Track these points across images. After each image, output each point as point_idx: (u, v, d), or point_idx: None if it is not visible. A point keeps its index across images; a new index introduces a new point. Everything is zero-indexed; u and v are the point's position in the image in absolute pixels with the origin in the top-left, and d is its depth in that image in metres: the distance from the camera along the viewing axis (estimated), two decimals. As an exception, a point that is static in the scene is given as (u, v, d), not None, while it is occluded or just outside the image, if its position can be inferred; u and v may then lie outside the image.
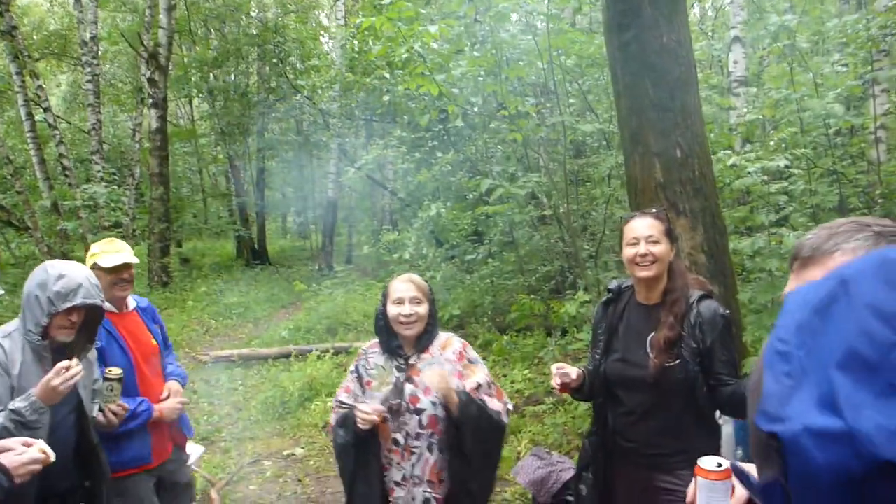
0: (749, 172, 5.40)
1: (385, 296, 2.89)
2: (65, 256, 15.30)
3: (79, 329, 2.77)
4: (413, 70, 6.94)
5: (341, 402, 2.92)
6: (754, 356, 5.02)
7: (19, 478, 2.11)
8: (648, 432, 2.69)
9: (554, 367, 2.78)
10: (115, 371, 2.81)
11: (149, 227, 16.21)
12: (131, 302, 3.57)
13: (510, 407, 2.88)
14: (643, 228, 2.68)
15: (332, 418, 2.92)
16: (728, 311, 2.69)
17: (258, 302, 14.48)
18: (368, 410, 2.65)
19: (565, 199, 7.40)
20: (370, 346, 3.01)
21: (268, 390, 7.89)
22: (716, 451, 2.66)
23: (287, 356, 9.22)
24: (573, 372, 2.75)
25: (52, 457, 2.25)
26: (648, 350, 2.65)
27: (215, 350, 10.03)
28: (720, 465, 1.57)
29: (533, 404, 6.68)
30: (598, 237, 8.44)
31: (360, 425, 2.67)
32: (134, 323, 3.51)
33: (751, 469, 1.52)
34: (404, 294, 2.82)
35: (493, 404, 2.77)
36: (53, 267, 2.68)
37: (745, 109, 9.13)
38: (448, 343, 2.91)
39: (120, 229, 15.83)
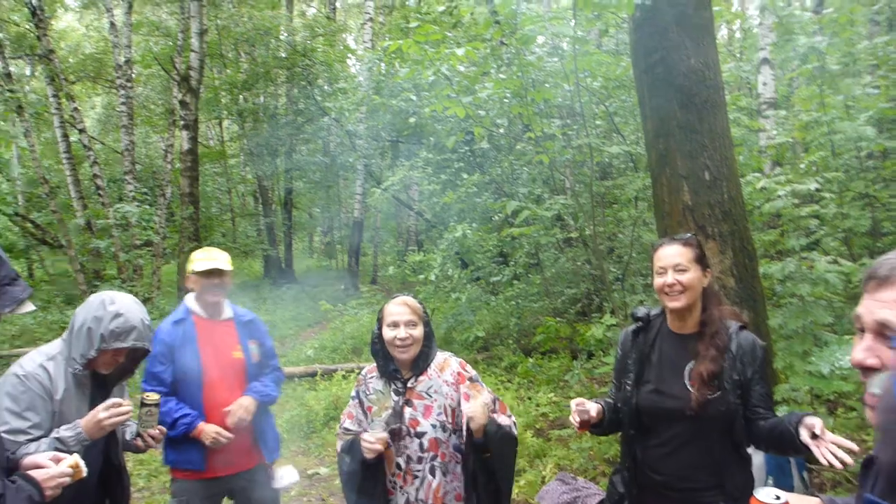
0: (779, 196, 5.32)
1: (380, 319, 2.85)
2: (97, 274, 15.56)
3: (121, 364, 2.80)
4: (439, 92, 6.99)
5: (346, 429, 2.91)
6: (784, 383, 4.93)
7: (49, 490, 2.12)
8: (682, 465, 2.58)
9: (573, 404, 2.67)
10: (153, 397, 2.83)
11: (179, 246, 16.42)
12: (227, 311, 3.66)
13: (514, 420, 2.85)
14: (670, 257, 2.59)
15: (339, 445, 2.90)
16: (765, 343, 2.61)
17: (284, 321, 14.57)
18: (372, 440, 2.63)
19: (591, 221, 7.36)
20: (369, 371, 2.98)
21: (293, 409, 7.92)
22: (748, 484, 2.57)
23: (312, 375, 9.25)
24: (593, 408, 2.65)
25: (85, 471, 2.26)
26: (687, 382, 2.55)
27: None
28: (778, 498, 1.55)
29: (558, 428, 6.62)
30: (625, 260, 8.38)
31: (365, 455, 2.65)
32: (223, 332, 3.60)
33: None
34: (399, 318, 2.78)
35: (503, 420, 2.75)
36: (112, 303, 2.66)
37: (775, 132, 9.05)
38: (446, 364, 2.87)
39: (150, 248, 16.06)
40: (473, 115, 7.04)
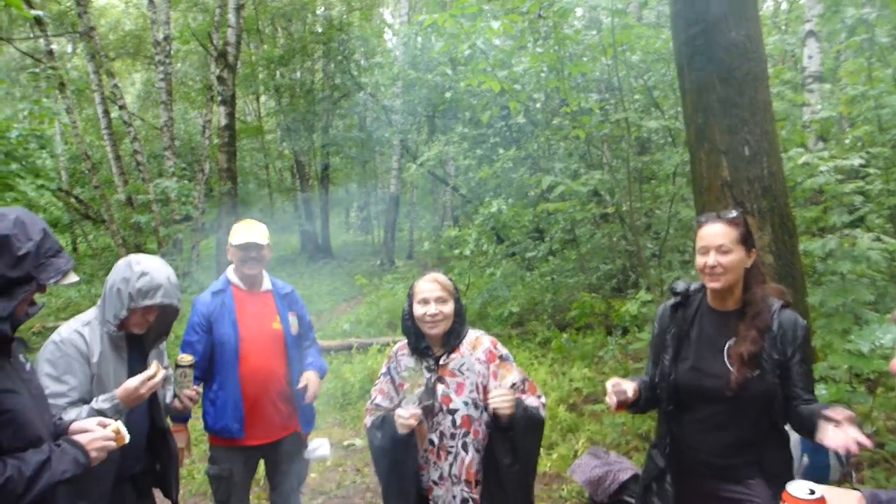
0: (821, 171, 5.20)
1: (411, 296, 2.86)
2: (138, 249, 15.89)
3: (153, 324, 2.88)
4: (475, 66, 6.94)
5: (377, 405, 2.92)
6: (823, 361, 4.86)
7: (95, 453, 2.19)
8: (721, 444, 2.56)
9: (609, 385, 2.65)
10: (187, 358, 2.92)
11: (217, 221, 16.67)
12: (266, 283, 3.74)
13: (544, 401, 2.83)
14: (713, 237, 2.50)
15: (368, 420, 2.92)
16: (806, 322, 2.54)
17: (321, 295, 14.74)
18: (405, 415, 2.64)
19: (628, 196, 7.29)
20: (399, 349, 2.99)
21: (329, 382, 8.02)
22: (787, 462, 2.57)
23: (348, 349, 9.37)
24: (629, 388, 2.62)
25: (127, 437, 2.33)
26: (727, 361, 2.51)
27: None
28: (812, 493, 1.52)
29: (591, 403, 6.63)
30: (662, 236, 8.29)
31: (399, 430, 2.67)
32: (261, 304, 3.67)
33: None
34: (429, 294, 2.78)
35: (531, 401, 2.74)
36: (138, 263, 2.76)
37: (819, 106, 8.82)
38: (478, 342, 2.86)
39: (190, 223, 16.30)
40: (509, 90, 6.98)
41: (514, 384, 2.74)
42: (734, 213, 2.58)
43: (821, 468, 4.61)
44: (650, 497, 2.80)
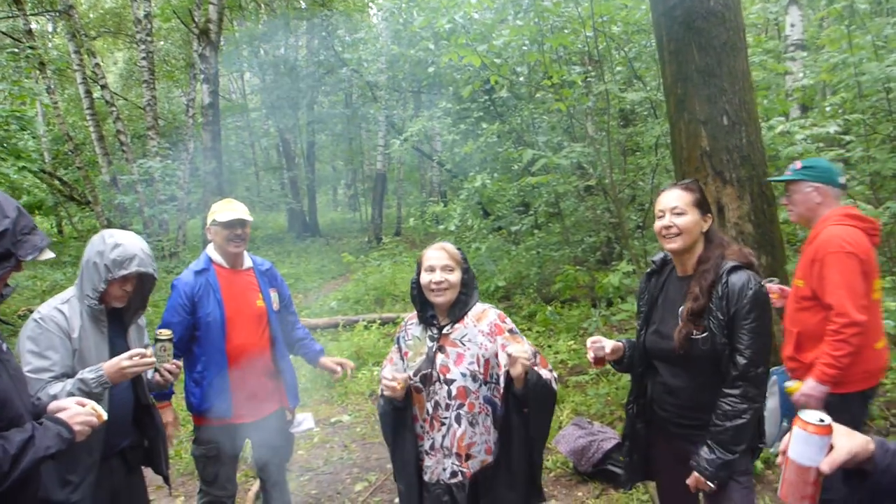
0: (799, 140, 5.22)
1: (419, 264, 2.86)
2: (123, 229, 15.80)
3: (132, 296, 2.90)
4: (455, 40, 6.89)
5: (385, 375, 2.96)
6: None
7: (77, 427, 2.22)
8: (681, 404, 2.66)
9: (589, 342, 2.77)
10: (166, 332, 2.93)
11: (203, 201, 16.58)
12: (247, 261, 3.73)
13: (555, 375, 2.80)
14: (669, 200, 2.63)
15: (381, 389, 2.94)
16: (762, 284, 2.53)
17: (308, 273, 14.73)
18: (389, 377, 2.68)
19: (611, 168, 7.29)
20: (410, 318, 3.01)
21: (316, 359, 8.05)
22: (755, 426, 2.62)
23: (335, 326, 9.39)
24: (608, 345, 2.74)
25: (104, 416, 2.36)
26: (680, 322, 2.60)
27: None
28: (822, 421, 1.53)
29: (576, 374, 6.69)
30: (646, 208, 8.32)
31: (385, 392, 2.72)
32: (245, 281, 3.66)
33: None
34: (436, 262, 2.78)
35: (544, 373, 2.70)
36: (111, 236, 2.81)
37: (802, 74, 8.82)
38: (483, 315, 2.84)
39: (175, 202, 16.22)
40: (490, 63, 6.94)
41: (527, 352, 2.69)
42: (690, 180, 2.72)
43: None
44: (624, 455, 3.00)
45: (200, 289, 3.48)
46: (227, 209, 3.57)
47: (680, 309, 2.61)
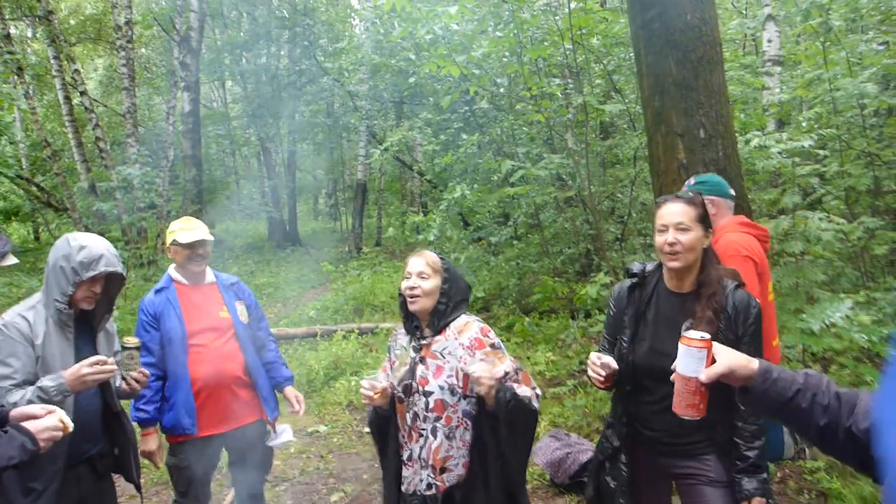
0: (773, 153, 5.27)
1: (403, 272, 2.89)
2: (100, 235, 15.61)
3: (99, 297, 2.87)
4: (434, 51, 6.90)
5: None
6: (777, 341, 4.95)
7: (43, 441, 2.19)
8: (675, 422, 2.54)
9: (594, 357, 2.60)
10: (133, 340, 2.90)
11: (182, 209, 16.44)
12: (209, 276, 3.72)
13: (538, 392, 2.75)
14: (672, 215, 2.54)
15: None
16: (759, 302, 2.55)
17: (288, 282, 14.65)
18: (366, 385, 2.69)
19: (588, 180, 7.33)
20: (400, 326, 3.00)
21: (294, 369, 7.97)
22: None
23: (314, 336, 9.33)
24: (613, 362, 2.60)
25: (71, 427, 2.33)
26: None
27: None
28: (703, 337, 1.81)
29: (554, 386, 6.69)
30: (625, 220, 8.36)
31: (362, 399, 2.72)
32: (206, 296, 3.65)
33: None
34: (412, 268, 2.79)
35: (523, 391, 2.65)
36: (75, 239, 2.80)
37: (779, 89, 8.93)
38: (466, 328, 2.78)
39: (154, 210, 16.07)
40: (469, 74, 6.96)
41: (506, 373, 2.64)
42: (693, 194, 2.64)
43: (775, 444, 4.71)
44: (603, 475, 2.83)
45: (161, 305, 3.49)
46: (187, 228, 3.57)
47: (684, 328, 2.47)
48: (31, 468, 2.65)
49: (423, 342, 2.80)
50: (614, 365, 2.60)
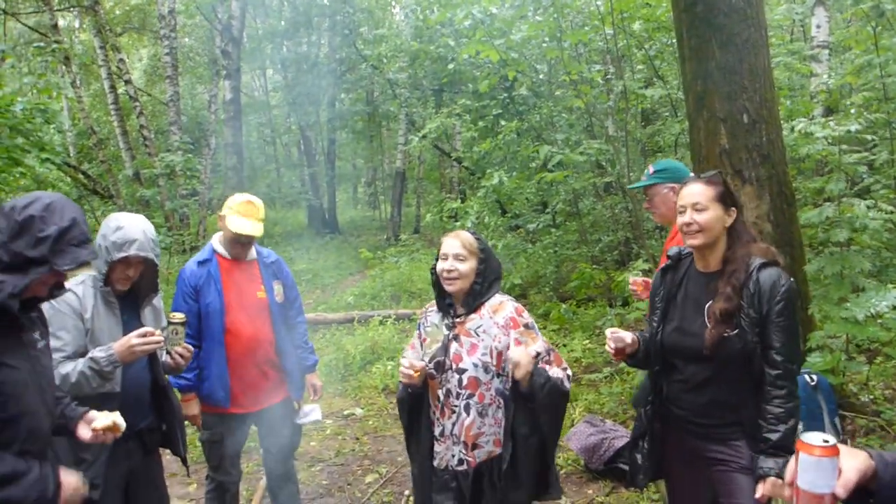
0: (818, 138, 5.13)
1: (438, 252, 2.88)
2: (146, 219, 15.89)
3: (139, 280, 2.92)
4: (473, 35, 6.87)
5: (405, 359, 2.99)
6: (819, 330, 4.84)
7: (62, 501, 2.20)
8: (702, 402, 2.61)
9: (608, 332, 2.72)
10: (178, 316, 2.94)
11: (223, 196, 16.66)
12: (252, 253, 3.74)
13: (569, 373, 2.77)
14: (690, 196, 2.56)
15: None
16: (792, 280, 2.50)
17: (327, 269, 14.80)
18: (406, 364, 2.69)
19: (628, 167, 7.24)
20: (430, 305, 3.04)
21: (331, 353, 8.10)
22: None
23: (351, 321, 9.42)
24: (627, 337, 2.69)
25: (123, 427, 2.41)
26: (706, 320, 2.55)
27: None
28: (827, 442, 1.42)
29: (590, 373, 6.66)
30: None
31: (401, 378, 2.73)
32: (247, 272, 3.69)
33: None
34: (449, 250, 2.77)
35: (555, 372, 2.67)
36: (115, 219, 2.84)
37: (827, 76, 8.69)
38: (501, 307, 2.81)
39: (196, 197, 16.33)
40: (507, 59, 6.91)
41: (538, 353, 2.66)
42: (714, 173, 2.64)
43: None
44: (635, 454, 2.88)
45: (202, 279, 3.52)
46: (243, 214, 3.53)
47: (706, 306, 2.56)
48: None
49: (458, 320, 2.82)
50: (627, 339, 2.68)
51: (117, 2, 22.90)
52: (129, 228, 2.78)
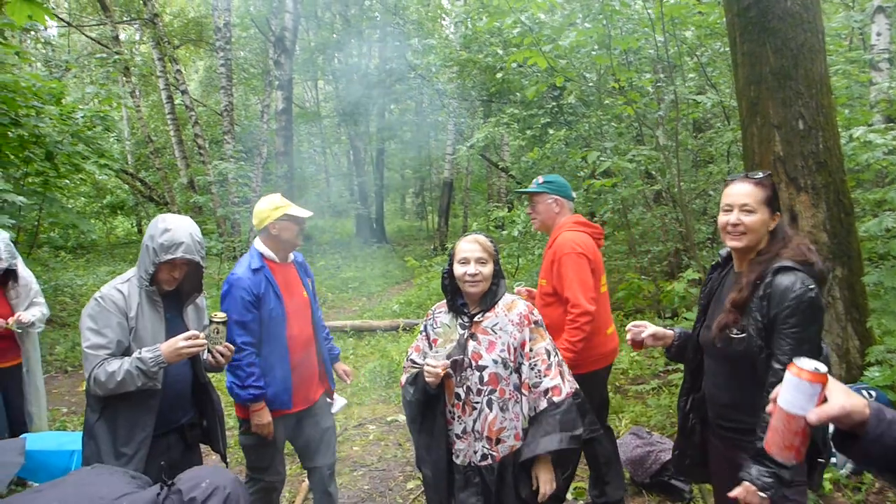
0: (878, 145, 4.95)
1: (452, 256, 2.94)
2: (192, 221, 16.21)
3: (183, 280, 2.97)
4: (521, 42, 6.83)
5: (413, 362, 3.02)
6: (879, 344, 4.66)
7: None
8: (720, 402, 2.58)
9: (630, 324, 2.81)
10: (220, 315, 2.97)
11: (274, 205, 16.85)
12: (291, 255, 3.82)
13: (575, 387, 2.85)
14: (738, 195, 2.46)
15: (403, 377, 3.01)
16: (811, 288, 2.31)
17: (373, 277, 14.90)
18: (435, 364, 2.72)
19: (679, 176, 7.10)
20: (437, 307, 3.09)
21: (376, 360, 8.12)
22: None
23: (396, 328, 9.45)
24: (650, 329, 2.74)
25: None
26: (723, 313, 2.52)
27: (329, 321, 10.40)
28: (818, 369, 1.46)
29: (637, 384, 6.54)
30: (717, 218, 8.06)
31: (427, 378, 2.74)
32: (291, 274, 3.77)
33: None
34: (470, 254, 2.85)
35: (549, 382, 2.78)
36: (164, 220, 2.89)
37: (887, 84, 8.41)
38: (514, 305, 2.91)
39: (247, 205, 16.63)
40: (555, 66, 6.86)
41: (547, 350, 2.84)
42: (762, 174, 2.51)
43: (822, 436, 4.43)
44: (681, 440, 2.89)
45: (262, 286, 3.53)
46: (294, 206, 3.64)
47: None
48: (123, 433, 2.79)
49: (476, 320, 2.88)
50: (648, 332, 2.76)
51: (176, 15, 23.58)
52: (176, 231, 2.83)
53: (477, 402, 2.82)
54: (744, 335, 2.40)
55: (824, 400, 1.47)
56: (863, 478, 4.24)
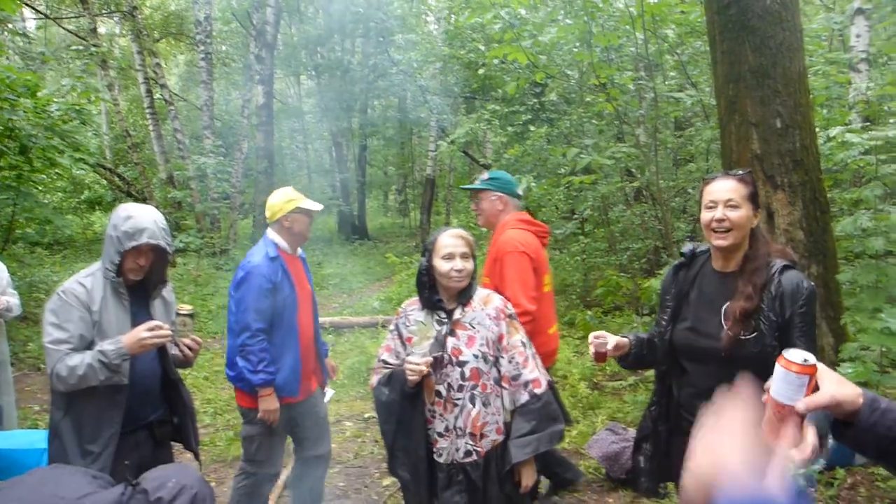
0: (854, 144, 4.98)
1: (430, 251, 2.85)
2: (177, 226, 16.11)
3: (150, 270, 2.91)
4: (501, 37, 6.82)
5: (385, 362, 2.95)
6: (852, 342, 4.69)
7: None
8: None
9: (591, 336, 2.68)
10: (187, 307, 2.96)
11: (254, 200, 16.80)
12: (299, 248, 3.88)
13: (548, 379, 2.88)
14: (722, 191, 2.43)
15: (374, 379, 2.95)
16: (813, 284, 2.40)
17: (354, 274, 14.84)
18: (418, 362, 2.66)
19: (657, 174, 7.12)
20: (409, 304, 3.02)
21: (355, 356, 8.08)
22: None
23: (374, 325, 9.41)
24: (611, 341, 2.62)
25: None
26: (723, 321, 2.44)
27: (309, 317, 10.34)
28: (806, 361, 1.47)
29: (614, 381, 6.55)
30: (696, 216, 8.11)
31: (409, 376, 2.68)
32: (300, 267, 3.84)
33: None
34: (455, 249, 2.79)
35: (528, 375, 2.79)
36: (126, 209, 2.83)
37: (864, 86, 8.49)
38: (489, 299, 2.90)
39: (227, 201, 16.50)
40: (535, 61, 6.85)
41: (522, 342, 2.85)
42: (743, 171, 2.51)
43: (847, 453, 4.48)
44: (638, 456, 2.87)
45: (279, 274, 3.59)
46: (306, 199, 3.70)
47: (724, 307, 2.46)
48: (88, 431, 2.73)
49: (455, 316, 2.83)
50: (609, 346, 2.63)
51: (156, 8, 23.32)
52: (139, 217, 2.78)
53: (459, 399, 2.77)
54: (755, 335, 2.37)
55: (816, 389, 1.49)
56: (835, 473, 4.28)
